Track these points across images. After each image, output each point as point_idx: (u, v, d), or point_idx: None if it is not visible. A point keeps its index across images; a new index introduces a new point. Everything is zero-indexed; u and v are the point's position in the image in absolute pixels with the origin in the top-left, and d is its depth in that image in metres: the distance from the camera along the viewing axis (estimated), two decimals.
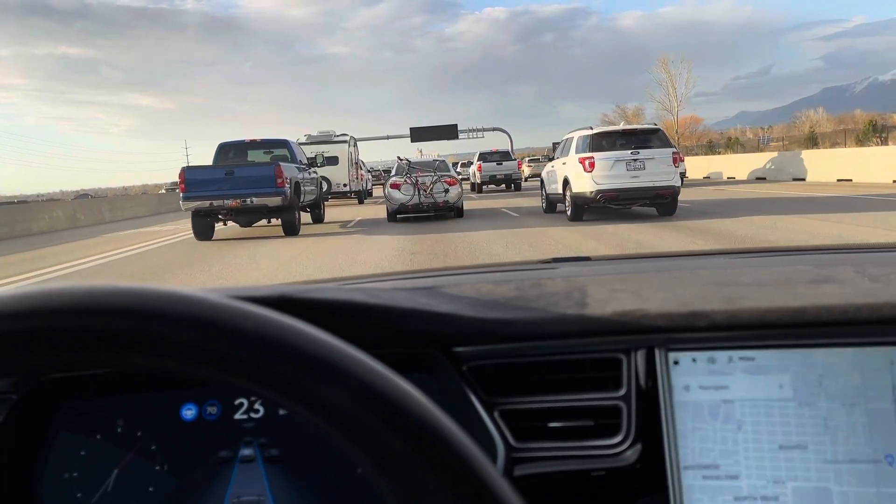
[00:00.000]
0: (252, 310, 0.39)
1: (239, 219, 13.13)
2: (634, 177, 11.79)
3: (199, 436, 0.74)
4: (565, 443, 0.71)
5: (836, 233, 9.10)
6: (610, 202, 12.00)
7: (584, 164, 11.91)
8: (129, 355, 0.38)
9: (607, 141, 12.14)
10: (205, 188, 12.11)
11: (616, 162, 11.83)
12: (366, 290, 0.75)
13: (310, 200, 14.88)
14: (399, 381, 0.39)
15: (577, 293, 0.78)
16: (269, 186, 12.09)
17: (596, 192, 11.78)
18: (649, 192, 11.79)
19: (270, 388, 0.38)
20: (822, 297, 0.71)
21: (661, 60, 57.86)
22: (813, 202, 14.11)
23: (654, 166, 11.82)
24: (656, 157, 11.88)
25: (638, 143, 12.03)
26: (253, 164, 13.10)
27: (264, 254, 10.42)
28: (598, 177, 11.80)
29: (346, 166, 24.97)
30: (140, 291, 0.38)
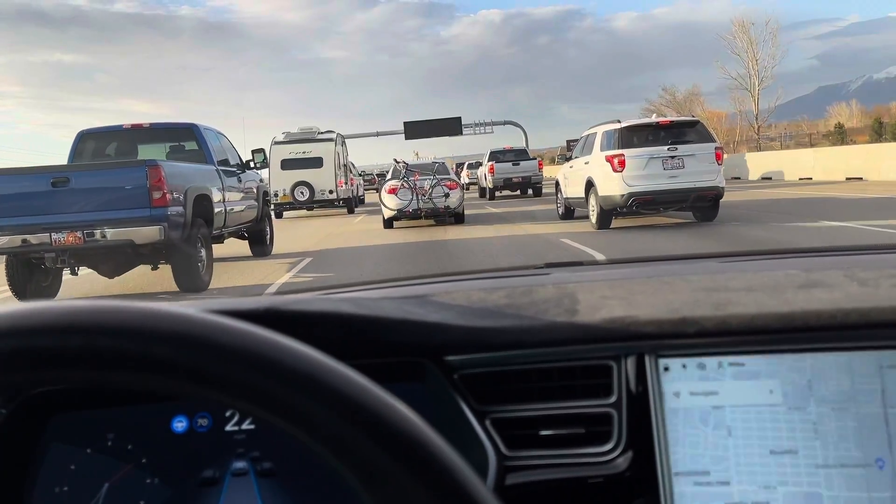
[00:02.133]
0: (232, 325, 0.39)
1: (92, 265, 7.43)
2: (672, 177, 9.87)
3: (191, 448, 0.73)
4: (557, 451, 0.71)
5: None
6: (643, 207, 10.06)
7: (613, 162, 9.96)
8: (110, 373, 0.37)
9: (639, 136, 10.19)
10: (13, 212, 6.53)
11: (650, 160, 9.90)
12: (354, 301, 0.76)
13: (245, 224, 9.57)
14: (382, 395, 0.38)
15: (568, 300, 0.77)
16: (139, 206, 6.61)
17: (627, 195, 9.84)
18: (689, 194, 9.88)
19: (253, 403, 0.38)
20: (811, 301, 0.71)
21: (738, 23, 42.03)
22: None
23: (694, 164, 9.91)
24: (697, 154, 9.98)
25: (674, 138, 10.11)
26: (104, 167, 7.33)
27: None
28: (630, 177, 9.86)
29: (332, 169, 21.66)
30: (120, 309, 0.38)
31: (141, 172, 6.70)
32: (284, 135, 22.93)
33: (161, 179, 6.70)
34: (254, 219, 9.99)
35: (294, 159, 21.63)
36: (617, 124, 10.46)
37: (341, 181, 22.18)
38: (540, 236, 10.40)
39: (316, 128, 23.38)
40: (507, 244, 9.83)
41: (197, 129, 8.88)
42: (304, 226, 17.57)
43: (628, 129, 10.28)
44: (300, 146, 22.03)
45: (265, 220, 10.46)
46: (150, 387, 0.38)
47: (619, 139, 10.14)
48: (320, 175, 21.52)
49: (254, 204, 9.93)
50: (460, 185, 14.20)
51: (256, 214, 10.05)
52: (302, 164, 21.54)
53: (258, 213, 10.13)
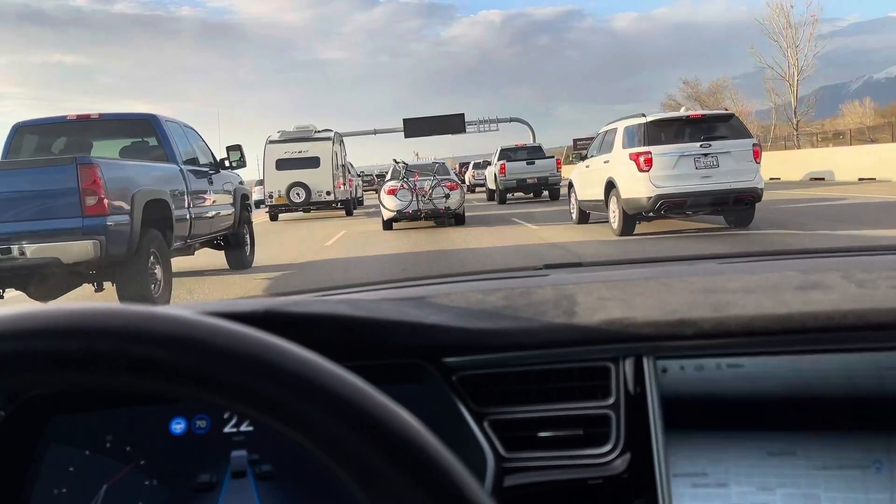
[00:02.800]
0: (230, 327, 0.39)
1: (20, 287, 6.01)
2: (705, 177, 8.82)
3: (189, 450, 0.73)
4: (555, 452, 0.71)
5: None
6: (672, 210, 9.00)
7: (638, 161, 8.92)
8: (108, 376, 0.38)
9: (667, 131, 9.14)
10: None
11: (681, 158, 8.86)
12: (352, 302, 0.76)
13: (219, 232, 8.26)
14: (380, 398, 0.38)
15: (566, 301, 0.77)
16: (68, 215, 5.32)
17: (655, 197, 8.79)
18: (725, 196, 8.83)
19: (250, 406, 0.38)
20: (809, 303, 0.71)
21: (777, 7, 36.19)
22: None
23: (729, 162, 8.87)
24: (732, 151, 8.94)
25: (707, 133, 9.06)
26: (23, 166, 5.80)
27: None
28: (658, 177, 8.82)
29: (330, 169, 20.63)
30: (118, 312, 0.38)
31: (70, 172, 5.27)
32: (280, 133, 22.03)
33: (97, 181, 5.23)
34: (230, 226, 8.58)
35: (290, 159, 20.73)
36: (642, 118, 9.39)
37: (339, 182, 21.24)
38: (557, 245, 9.37)
39: (313, 126, 22.46)
40: (519, 255, 8.79)
41: (156, 122, 7.31)
42: (296, 230, 16.56)
43: (655, 123, 9.21)
44: (296, 145, 21.11)
45: (244, 228, 9.06)
46: (148, 389, 0.38)
47: (644, 135, 9.09)
48: (317, 175, 20.52)
49: (229, 209, 8.56)
50: (461, 185, 13.76)
51: (233, 221, 8.64)
52: (298, 164, 20.62)
53: (235, 219, 8.70)
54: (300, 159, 20.67)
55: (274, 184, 20.49)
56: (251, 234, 9.42)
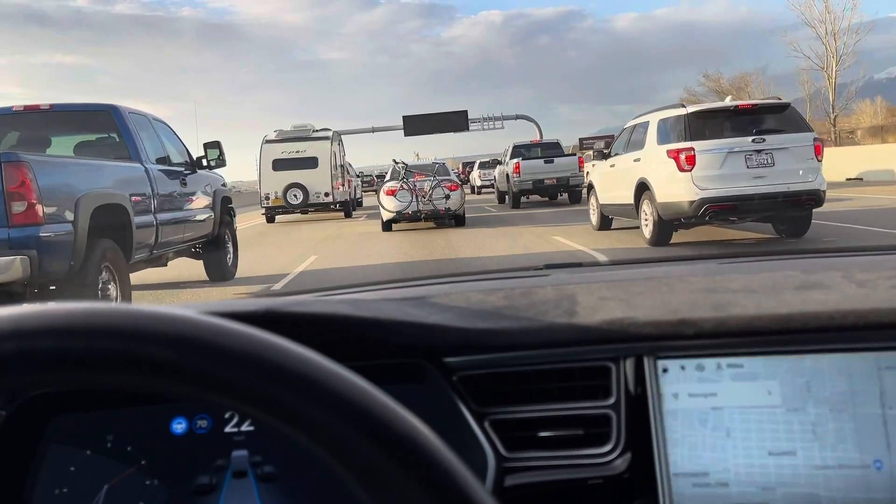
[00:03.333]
0: (233, 327, 0.39)
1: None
2: (758, 177, 7.55)
3: (190, 450, 0.73)
4: (556, 452, 0.71)
5: None
6: (719, 216, 7.73)
7: (678, 159, 7.66)
8: (108, 375, 0.38)
9: (712, 124, 7.86)
10: None
11: (730, 155, 7.58)
12: (353, 302, 0.76)
13: (196, 240, 7.38)
14: (383, 397, 0.38)
15: (567, 301, 0.77)
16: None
17: (699, 201, 7.52)
18: (783, 199, 7.53)
19: (253, 406, 0.38)
20: (810, 303, 0.71)
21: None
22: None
23: (787, 160, 7.60)
24: (790, 147, 7.65)
25: (759, 127, 7.78)
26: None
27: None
28: (702, 178, 7.55)
29: (328, 170, 19.80)
30: (120, 311, 0.38)
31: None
32: (276, 133, 21.30)
33: (26, 183, 4.26)
34: (208, 233, 7.60)
35: (287, 159, 20.16)
36: (681, 109, 8.10)
37: (338, 183, 20.49)
38: (576, 255, 8.12)
39: (311, 125, 21.71)
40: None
41: (117, 114, 6.24)
42: (291, 233, 15.53)
43: (698, 115, 7.91)
44: (293, 145, 20.38)
45: (226, 234, 8.08)
46: (150, 390, 0.38)
47: (686, 129, 7.81)
48: (315, 176, 19.71)
49: (208, 214, 7.56)
50: (461, 186, 13.47)
51: (212, 227, 7.66)
52: (295, 164, 19.93)
53: (214, 225, 7.70)
54: (297, 159, 20.01)
55: (270, 185, 19.76)
56: (234, 241, 8.41)
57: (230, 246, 8.31)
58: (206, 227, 7.49)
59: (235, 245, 8.47)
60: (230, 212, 8.40)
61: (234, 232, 8.47)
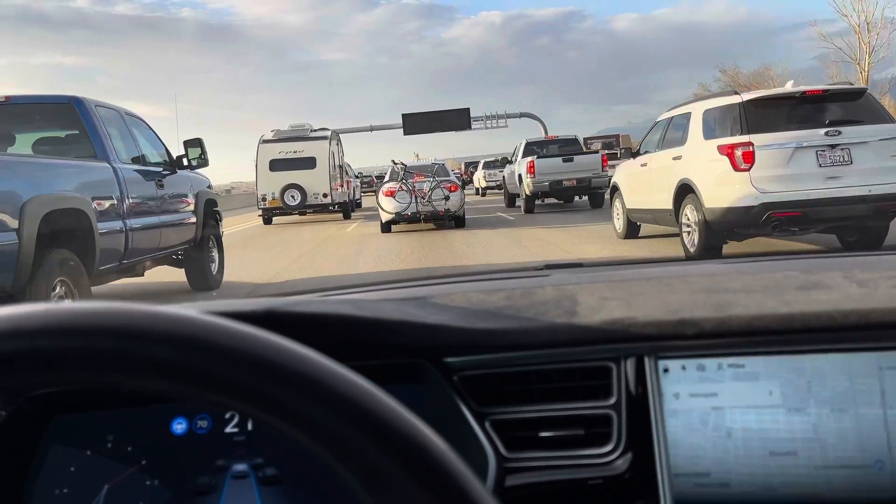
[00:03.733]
0: (235, 327, 0.39)
1: None
2: (833, 177, 6.18)
3: (190, 450, 0.72)
4: (556, 452, 0.71)
5: None
6: (786, 225, 6.35)
7: (733, 156, 6.30)
8: (109, 375, 0.38)
9: (774, 114, 6.48)
10: None
11: (798, 151, 6.22)
12: (353, 302, 0.76)
13: (176, 248, 6.60)
14: (385, 398, 0.38)
15: (567, 301, 0.77)
16: None
17: (760, 207, 6.15)
18: (862, 205, 6.15)
19: (255, 406, 0.38)
20: (811, 303, 0.71)
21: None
22: None
23: (867, 157, 6.21)
24: (870, 142, 6.27)
25: (832, 117, 6.43)
26: None
27: None
28: (764, 179, 6.19)
29: (327, 170, 18.85)
30: (121, 311, 0.38)
31: None
32: (274, 133, 20.34)
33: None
34: (189, 239, 6.82)
35: (284, 159, 19.30)
36: (734, 97, 6.71)
37: (336, 183, 19.50)
38: None
39: (309, 125, 20.79)
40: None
41: (81, 107, 5.47)
42: (287, 235, 14.53)
43: (755, 103, 6.50)
44: (291, 145, 19.44)
45: (210, 241, 7.27)
46: (151, 389, 0.38)
47: (741, 119, 6.44)
48: (313, 177, 18.81)
49: (189, 218, 6.79)
50: (461, 187, 13.16)
51: (195, 233, 6.89)
52: (293, 164, 19.10)
53: (197, 230, 6.93)
54: (295, 160, 19.17)
55: (267, 186, 18.89)
56: (219, 246, 7.63)
57: (215, 252, 7.49)
58: (187, 232, 6.75)
59: (221, 251, 7.65)
60: (216, 215, 7.61)
61: (219, 237, 7.67)
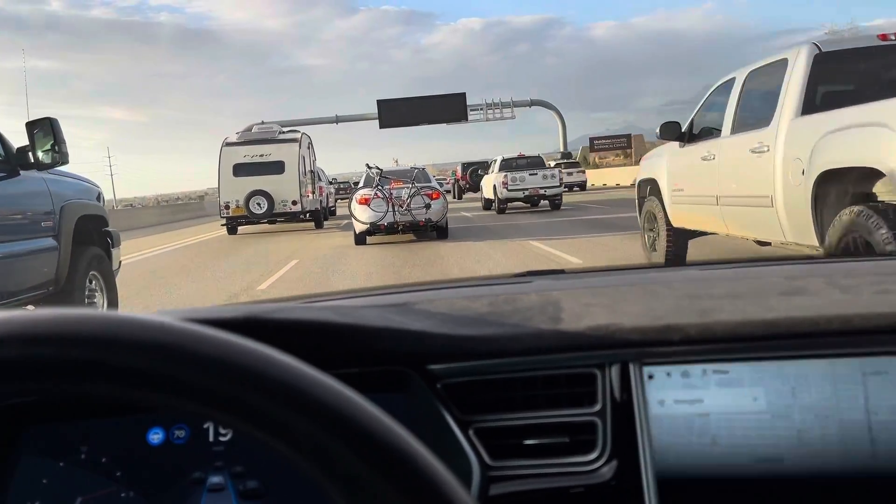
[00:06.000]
0: (210, 333, 0.38)
1: None
2: None
3: (167, 460, 0.71)
4: (541, 460, 0.70)
5: None
6: None
7: None
8: (84, 384, 0.37)
9: None
10: None
11: None
12: (336, 309, 0.75)
13: (25, 295, 4.31)
14: (366, 405, 0.38)
15: (551, 307, 0.77)
16: None
17: None
18: None
19: (231, 415, 0.37)
20: (794, 309, 0.71)
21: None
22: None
23: None
24: None
25: None
26: None
27: None
28: None
29: (297, 175, 17.21)
30: (94, 317, 0.38)
31: None
32: (238, 135, 18.48)
33: None
34: (45, 283, 4.49)
35: (249, 164, 17.60)
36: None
37: (307, 190, 17.74)
38: None
39: (277, 126, 18.96)
40: None
41: None
42: (240, 252, 12.54)
43: None
44: (257, 148, 17.74)
45: (84, 281, 4.92)
46: (126, 398, 0.37)
47: None
48: (281, 183, 17.15)
49: (42, 248, 4.45)
50: (443, 194, 12.31)
51: (55, 272, 4.55)
52: (259, 169, 17.31)
53: (61, 267, 4.60)
54: (261, 164, 17.44)
55: (231, 192, 17.21)
56: (108, 289, 5.23)
57: (100, 296, 5.15)
58: (35, 269, 4.39)
59: (113, 293, 5.34)
60: (106, 241, 5.33)
61: (109, 273, 5.33)
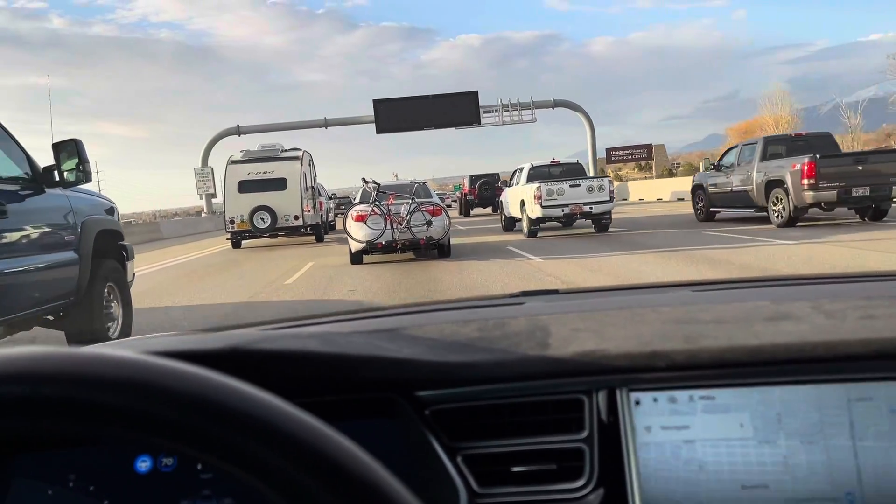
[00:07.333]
0: (182, 369, 0.38)
1: None
2: None
3: (155, 489, 0.70)
4: (529, 487, 0.70)
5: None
6: None
7: None
8: (57, 422, 0.37)
9: None
10: None
11: None
12: (323, 337, 0.76)
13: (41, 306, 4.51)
14: (340, 440, 0.38)
15: (540, 333, 0.77)
16: None
17: None
18: None
19: (204, 451, 0.38)
20: (779, 334, 0.72)
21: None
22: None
23: None
24: None
25: None
26: None
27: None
28: None
29: (299, 191, 18.69)
30: (66, 355, 0.38)
31: None
32: (242, 153, 20.19)
33: None
34: (66, 293, 4.71)
35: (253, 181, 19.00)
36: None
37: (308, 205, 19.20)
38: None
39: (279, 145, 20.64)
40: None
41: None
42: (245, 266, 13.64)
43: None
44: (260, 165, 19.33)
45: (102, 291, 5.13)
46: (98, 434, 0.37)
47: None
48: (284, 198, 18.64)
49: (63, 259, 4.68)
50: (445, 210, 11.40)
51: (77, 282, 4.79)
52: (262, 185, 18.81)
53: (83, 278, 4.82)
54: (265, 181, 18.93)
55: (236, 208, 18.71)
56: (124, 300, 5.51)
57: (116, 306, 5.37)
58: (59, 280, 4.64)
59: (128, 304, 5.57)
60: (121, 254, 5.55)
61: (125, 284, 5.53)
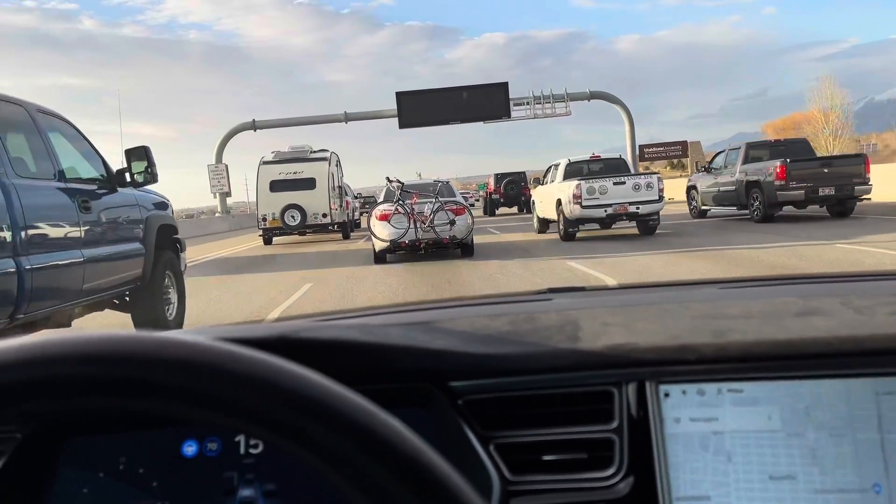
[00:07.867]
0: (244, 353, 0.40)
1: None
2: None
3: (201, 472, 0.73)
4: (560, 475, 0.71)
5: None
6: None
7: None
8: (128, 401, 0.39)
9: None
10: None
11: None
12: (362, 328, 0.78)
13: (108, 291, 5.13)
14: (392, 421, 0.40)
15: (570, 327, 0.78)
16: None
17: None
18: None
19: (266, 430, 0.39)
20: (808, 329, 0.72)
21: None
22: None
23: None
24: None
25: None
26: None
27: None
28: None
29: (327, 191, 19.76)
30: (136, 339, 0.40)
31: None
32: (274, 154, 21.32)
33: None
34: (133, 279, 5.37)
35: (284, 180, 20.03)
36: None
37: (335, 204, 20.28)
38: None
39: (308, 146, 21.73)
40: None
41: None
42: (279, 259, 14.67)
43: None
44: (291, 166, 20.36)
45: (162, 278, 5.79)
46: (165, 413, 0.40)
47: None
48: (313, 197, 19.73)
49: (133, 250, 5.34)
50: (468, 209, 11.49)
51: (143, 269, 5.45)
52: (293, 185, 19.90)
53: (147, 265, 5.48)
54: (295, 180, 20.01)
55: (268, 206, 19.81)
56: (179, 286, 6.18)
57: (173, 293, 6.02)
58: (130, 268, 5.28)
59: (182, 290, 6.22)
60: (175, 245, 6.20)
61: (179, 272, 6.18)
